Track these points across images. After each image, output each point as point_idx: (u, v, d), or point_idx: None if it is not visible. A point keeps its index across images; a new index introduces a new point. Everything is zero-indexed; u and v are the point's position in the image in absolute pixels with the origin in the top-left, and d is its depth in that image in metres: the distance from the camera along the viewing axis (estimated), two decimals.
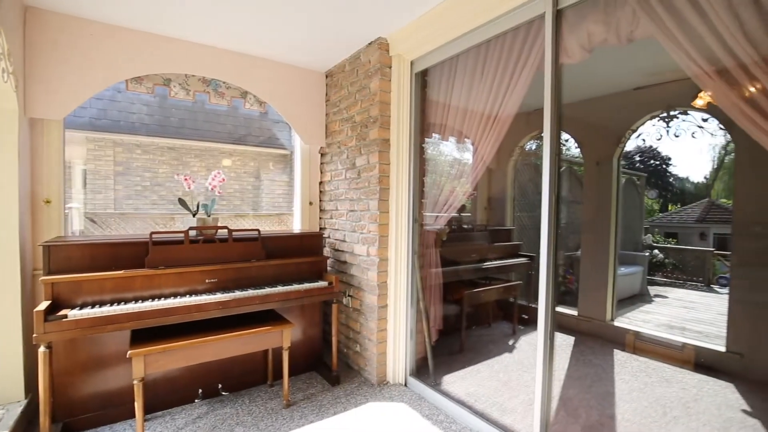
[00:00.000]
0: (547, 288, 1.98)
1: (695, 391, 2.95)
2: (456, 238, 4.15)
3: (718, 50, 1.60)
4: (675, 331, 4.97)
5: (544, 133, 1.98)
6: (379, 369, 2.85)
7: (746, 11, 1.54)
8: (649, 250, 8.50)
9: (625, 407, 2.67)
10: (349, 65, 3.12)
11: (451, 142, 2.92)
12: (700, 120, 3.36)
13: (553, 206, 1.95)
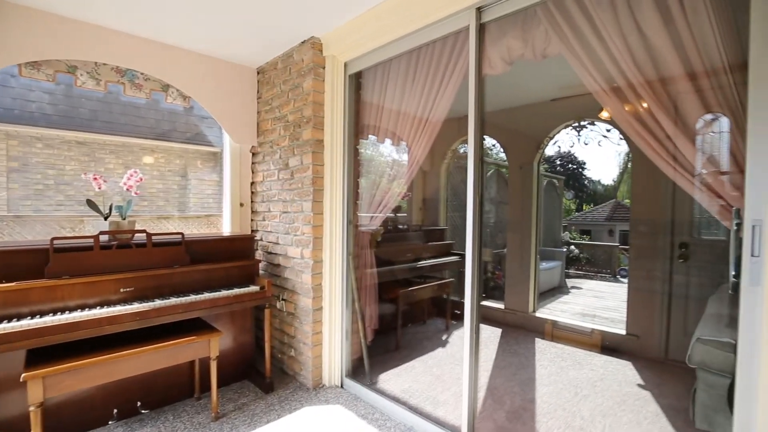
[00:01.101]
0: (472, 284, 2.10)
1: (602, 371, 3.31)
2: (392, 238, 4.23)
3: (613, 71, 1.81)
4: (587, 318, 5.52)
5: (469, 138, 2.10)
6: (314, 372, 2.81)
7: (634, 39, 1.76)
8: (567, 246, 9.38)
9: (544, 390, 2.92)
10: (282, 63, 3.04)
11: (387, 144, 2.98)
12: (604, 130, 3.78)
13: (477, 207, 2.07)
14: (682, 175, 1.57)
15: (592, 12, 1.81)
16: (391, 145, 2.96)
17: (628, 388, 3.01)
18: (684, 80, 1.63)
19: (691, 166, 1.56)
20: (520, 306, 4.47)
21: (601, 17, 1.80)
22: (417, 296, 4.04)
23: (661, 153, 1.65)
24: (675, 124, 1.61)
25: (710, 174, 1.50)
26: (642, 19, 1.71)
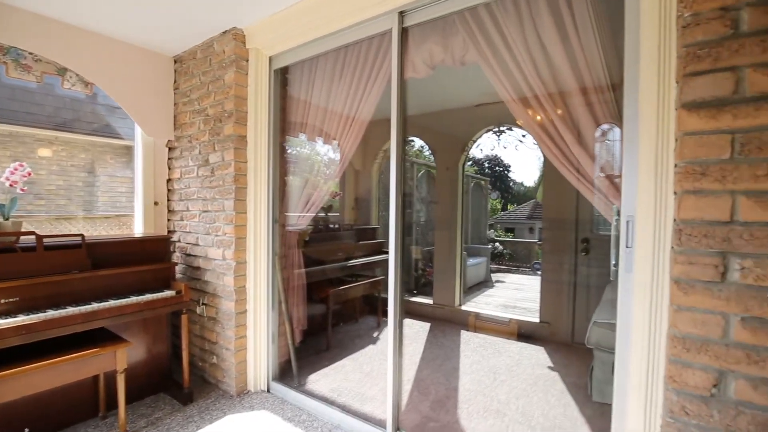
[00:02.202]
0: (395, 282, 2.15)
1: (518, 356, 3.59)
2: (323, 237, 4.19)
3: (521, 82, 1.97)
4: (509, 309, 5.95)
5: (391, 139, 2.15)
6: (238, 379, 2.69)
7: (538, 55, 1.93)
8: (492, 243, 10.03)
9: (466, 379, 3.09)
10: (202, 53, 2.86)
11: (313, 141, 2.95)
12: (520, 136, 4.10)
13: (399, 206, 2.13)
14: (577, 178, 1.75)
15: (503, 25, 1.95)
16: (323, 143, 2.94)
17: (539, 370, 3.30)
18: (579, 94, 1.83)
19: (584, 170, 1.76)
20: (448, 300, 4.69)
21: (510, 31, 1.94)
22: (348, 295, 4.05)
23: (559, 157, 1.84)
24: (572, 132, 1.80)
25: (598, 177, 1.71)
26: (544, 36, 1.88)
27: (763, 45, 1.05)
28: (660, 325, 1.29)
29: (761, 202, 1.05)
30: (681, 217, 1.16)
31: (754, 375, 1.08)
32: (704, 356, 1.13)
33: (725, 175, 1.09)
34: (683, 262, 1.15)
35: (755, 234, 1.06)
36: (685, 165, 1.15)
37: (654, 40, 1.31)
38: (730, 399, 1.11)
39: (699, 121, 1.13)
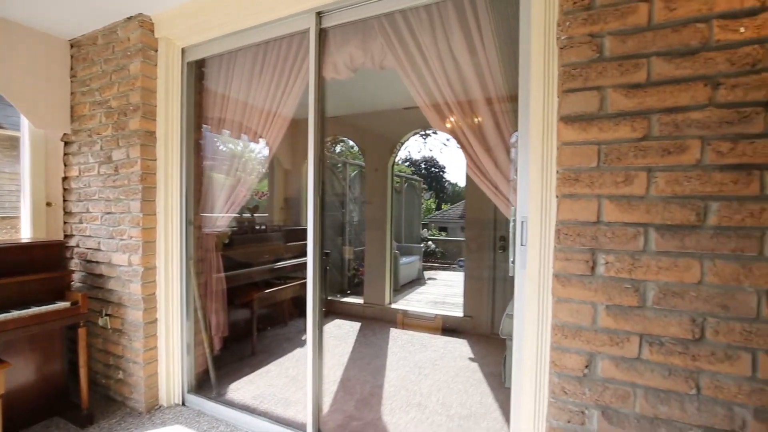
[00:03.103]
0: (314, 284, 2.14)
1: (442, 350, 3.76)
2: (248, 239, 4.03)
3: (434, 90, 2.07)
4: (438, 305, 6.18)
5: (308, 140, 2.14)
6: (148, 394, 2.49)
7: (449, 64, 2.03)
8: (425, 242, 10.38)
9: (392, 375, 3.17)
10: (103, 38, 2.60)
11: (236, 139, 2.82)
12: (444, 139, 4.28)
13: (317, 208, 2.13)
14: (482, 180, 1.88)
15: (417, 33, 2.03)
16: (247, 141, 2.82)
17: (461, 362, 3.49)
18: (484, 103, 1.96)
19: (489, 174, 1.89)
20: (378, 299, 4.76)
21: (424, 39, 2.03)
22: (276, 298, 3.94)
23: (468, 162, 1.96)
24: (477, 139, 1.92)
25: (500, 180, 1.84)
26: (454, 47, 1.99)
27: (621, 68, 1.21)
28: (547, 316, 1.43)
29: (620, 205, 1.22)
30: (560, 219, 1.30)
31: (616, 355, 1.24)
32: (578, 341, 1.28)
33: (593, 181, 1.24)
34: (562, 258, 1.29)
35: (616, 232, 1.22)
36: (563, 171, 1.29)
37: (541, 58, 1.44)
38: (599, 377, 1.27)
39: (573, 132, 1.27)
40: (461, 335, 4.18)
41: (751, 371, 1.10)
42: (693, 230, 1.14)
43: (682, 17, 1.15)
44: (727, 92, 1.11)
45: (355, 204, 6.73)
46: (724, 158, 1.11)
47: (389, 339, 4.05)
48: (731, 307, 1.11)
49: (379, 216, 4.78)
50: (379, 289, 4.77)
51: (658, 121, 1.17)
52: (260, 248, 4.13)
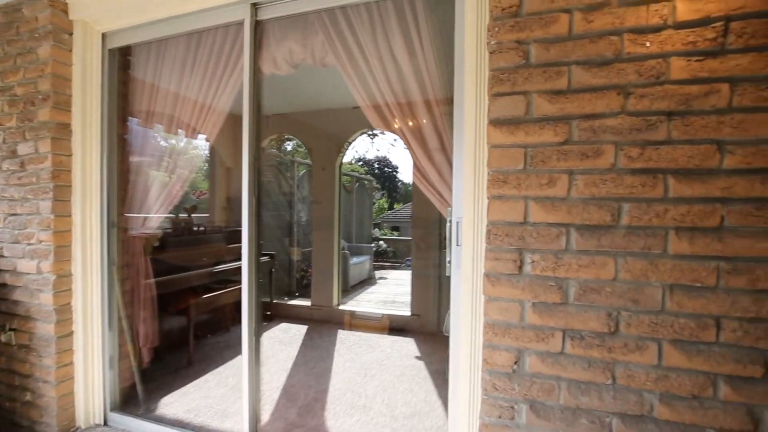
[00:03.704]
0: (249, 288, 2.04)
1: (389, 350, 3.77)
2: (184, 242, 3.79)
3: (375, 90, 2.05)
4: (388, 304, 6.21)
5: (243, 137, 2.03)
6: (62, 415, 2.24)
7: (390, 65, 2.02)
8: (376, 242, 10.41)
9: (338, 378, 3.12)
10: (5, 16, 2.30)
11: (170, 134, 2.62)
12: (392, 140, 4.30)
13: (253, 208, 2.03)
14: (421, 182, 1.89)
15: (358, 32, 2.00)
16: (181, 136, 2.63)
17: (408, 361, 3.52)
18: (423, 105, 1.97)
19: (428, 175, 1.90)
20: (326, 301, 4.68)
21: (364, 38, 2.00)
22: (216, 303, 3.74)
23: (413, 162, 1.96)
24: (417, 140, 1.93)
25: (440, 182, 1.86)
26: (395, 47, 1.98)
27: (545, 75, 1.26)
28: (480, 315, 1.46)
29: (544, 206, 1.27)
30: (490, 219, 1.33)
31: (542, 350, 1.29)
32: (507, 339, 1.32)
33: (520, 183, 1.29)
34: (492, 258, 1.32)
35: (540, 232, 1.27)
36: (492, 173, 1.32)
37: (474, 62, 1.47)
38: (526, 372, 1.31)
39: (502, 135, 1.30)
40: (409, 334, 4.22)
41: (657, 360, 1.20)
42: (608, 230, 1.22)
43: (598, 29, 1.22)
44: (636, 101, 1.19)
45: (303, 204, 6.57)
46: (634, 162, 1.19)
47: (336, 341, 3.99)
48: (641, 301, 1.20)
49: (326, 216, 4.70)
50: (327, 290, 4.69)
51: (577, 126, 1.23)
52: (199, 251, 3.90)
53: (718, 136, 1.13)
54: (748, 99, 1.12)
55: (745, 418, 1.14)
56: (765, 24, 1.11)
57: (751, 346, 1.13)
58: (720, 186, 1.13)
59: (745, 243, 1.12)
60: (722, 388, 1.16)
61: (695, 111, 1.15)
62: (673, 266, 1.17)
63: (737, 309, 1.13)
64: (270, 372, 3.20)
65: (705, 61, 1.14)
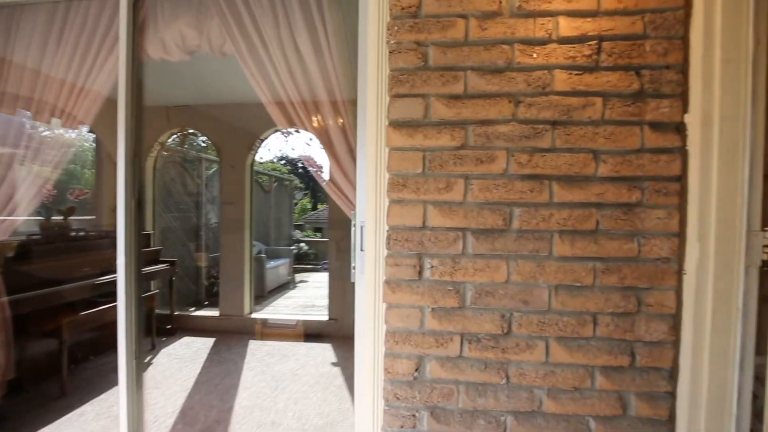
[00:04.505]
0: (126, 305, 1.76)
1: (304, 359, 3.61)
2: (57, 250, 3.22)
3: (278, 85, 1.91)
4: (307, 309, 6.02)
5: (119, 129, 1.76)
6: None
7: (294, 59, 1.90)
8: (297, 244, 10.07)
9: (246, 394, 2.89)
10: None
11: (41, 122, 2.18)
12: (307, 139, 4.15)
13: (131, 212, 1.76)
14: (327, 184, 1.81)
15: (259, 20, 1.85)
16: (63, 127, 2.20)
17: (323, 368, 3.40)
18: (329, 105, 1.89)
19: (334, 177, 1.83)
20: (236, 310, 4.35)
21: (266, 28, 1.85)
22: (101, 320, 3.24)
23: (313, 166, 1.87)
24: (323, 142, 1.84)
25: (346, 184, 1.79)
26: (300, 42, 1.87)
27: (442, 79, 1.26)
28: (382, 323, 1.42)
29: (442, 210, 1.26)
30: (390, 224, 1.29)
31: (442, 355, 1.28)
32: (408, 346, 1.29)
33: (419, 187, 1.26)
34: (392, 264, 1.28)
35: (439, 237, 1.26)
36: (392, 176, 1.28)
37: (375, 60, 1.42)
38: (427, 379, 1.29)
39: (401, 138, 1.27)
40: (326, 339, 4.10)
41: (545, 357, 1.25)
42: (501, 234, 1.25)
43: (491, 37, 1.25)
44: (525, 109, 1.23)
45: (213, 205, 6.07)
46: (523, 168, 1.23)
47: (247, 353, 3.71)
48: (530, 302, 1.25)
49: (236, 218, 4.37)
50: (238, 298, 4.36)
51: (473, 131, 1.25)
52: (78, 260, 3.34)
53: (594, 146, 1.22)
54: (616, 113, 1.22)
55: (616, 403, 1.25)
56: (630, 46, 1.22)
57: (621, 338, 1.24)
58: (595, 192, 1.22)
59: (615, 245, 1.22)
60: (598, 378, 1.25)
61: (575, 121, 1.23)
62: (558, 268, 1.23)
63: (610, 305, 1.23)
64: (165, 395, 2.85)
65: (583, 76, 1.23)
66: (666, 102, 1.21)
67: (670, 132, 1.21)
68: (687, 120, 1.21)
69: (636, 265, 1.22)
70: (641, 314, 1.23)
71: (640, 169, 1.21)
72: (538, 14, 1.24)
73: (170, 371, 3.28)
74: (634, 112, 1.21)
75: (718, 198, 1.18)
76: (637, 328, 1.23)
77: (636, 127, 1.22)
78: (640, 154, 1.21)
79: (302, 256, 9.91)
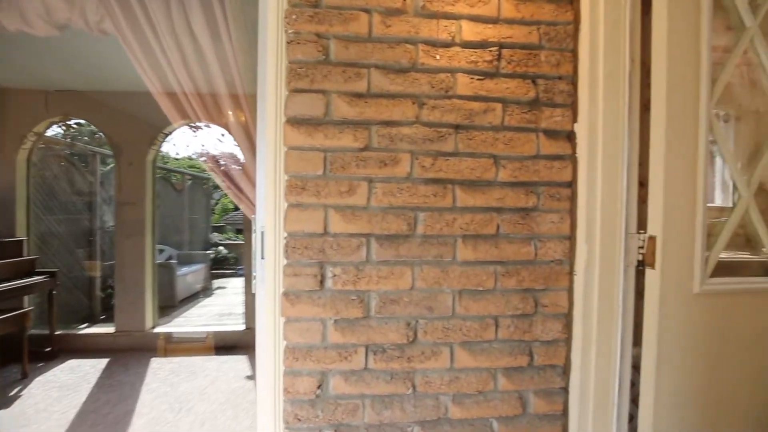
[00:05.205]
0: None
1: (216, 374, 3.32)
2: None
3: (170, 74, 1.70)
4: (224, 317, 5.61)
5: None
6: None
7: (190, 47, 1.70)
8: (215, 247, 9.37)
9: (141, 421, 2.55)
10: None
11: None
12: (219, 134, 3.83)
13: None
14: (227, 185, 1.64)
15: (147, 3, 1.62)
16: None
17: (236, 383, 3.15)
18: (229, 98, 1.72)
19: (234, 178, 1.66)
20: (135, 324, 3.87)
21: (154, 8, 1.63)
22: None
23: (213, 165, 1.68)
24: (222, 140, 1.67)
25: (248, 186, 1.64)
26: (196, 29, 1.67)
27: (344, 75, 1.18)
28: (281, 339, 1.30)
29: (345, 215, 1.18)
30: (288, 230, 1.18)
31: (346, 369, 1.20)
32: (310, 362, 1.19)
33: (319, 190, 1.17)
34: (290, 274, 1.18)
35: (341, 244, 1.18)
36: (290, 178, 1.17)
37: (274, 51, 1.30)
38: (330, 396, 1.21)
39: (300, 136, 1.17)
40: (242, 351, 3.82)
41: (450, 363, 1.24)
42: (406, 239, 1.21)
43: (395, 35, 1.20)
44: (429, 112, 1.21)
45: (109, 206, 5.36)
46: (427, 172, 1.20)
47: (147, 373, 3.31)
48: (435, 308, 1.22)
49: (136, 220, 3.88)
50: (138, 311, 3.87)
51: (376, 132, 1.19)
52: None
53: (494, 151, 1.23)
54: (515, 119, 1.24)
55: (516, 403, 1.28)
56: (527, 55, 1.25)
57: (520, 339, 1.27)
58: (496, 197, 1.23)
59: (514, 248, 1.24)
60: (500, 380, 1.27)
61: (477, 126, 1.23)
62: (461, 272, 1.23)
63: (510, 307, 1.26)
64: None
65: (484, 81, 1.23)
66: (559, 111, 1.27)
67: (562, 140, 1.27)
68: (576, 129, 1.27)
69: (533, 268, 1.26)
70: (538, 315, 1.27)
71: (536, 175, 1.25)
72: (442, 16, 1.22)
73: (45, 403, 2.78)
74: (531, 120, 1.25)
75: (602, 202, 1.26)
76: (534, 328, 1.27)
77: (533, 134, 1.25)
78: (536, 160, 1.25)
79: (221, 261, 9.25)
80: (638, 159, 1.28)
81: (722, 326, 1.29)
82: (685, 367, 1.27)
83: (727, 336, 1.29)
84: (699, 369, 1.28)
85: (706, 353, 1.28)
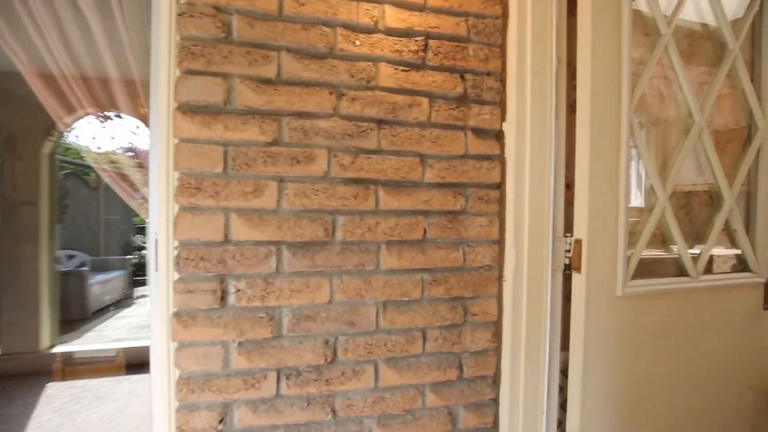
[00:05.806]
0: None
1: (127, 396, 2.94)
2: None
3: (45, 53, 1.41)
4: (145, 330, 5.07)
5: None
6: None
7: (74, 28, 1.43)
8: (137, 251, 8.53)
9: None
10: None
11: None
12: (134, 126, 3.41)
13: None
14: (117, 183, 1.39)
15: None
16: None
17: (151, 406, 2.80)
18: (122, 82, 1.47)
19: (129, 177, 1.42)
20: (27, 345, 3.32)
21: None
22: None
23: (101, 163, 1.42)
24: None
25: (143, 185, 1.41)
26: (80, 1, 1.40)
27: (249, 57, 1.02)
28: (173, 368, 1.10)
29: (250, 220, 1.02)
30: (179, 238, 0.99)
31: (253, 398, 1.04)
32: (209, 393, 1.01)
33: (219, 190, 1.00)
34: (183, 290, 0.99)
35: (246, 254, 1.02)
36: (181, 176, 0.99)
37: (167, 25, 1.09)
38: (236, 430, 1.04)
39: (193, 126, 0.98)
40: None
41: (374, 382, 1.12)
42: (323, 247, 1.07)
43: (310, 16, 1.06)
44: (348, 104, 1.08)
45: None
46: (346, 171, 1.08)
47: (40, 401, 2.84)
48: (356, 322, 1.10)
49: (28, 222, 3.34)
50: (30, 329, 3.33)
51: (287, 125, 1.04)
52: None
53: (421, 149, 1.14)
54: (442, 116, 1.16)
55: (446, 419, 1.19)
56: (455, 47, 1.18)
57: (449, 351, 1.19)
58: (422, 199, 1.14)
59: (442, 254, 1.16)
60: (429, 396, 1.18)
61: (401, 122, 1.12)
62: (385, 282, 1.12)
63: (438, 318, 1.17)
64: None
65: (409, 73, 1.13)
66: (487, 108, 1.20)
67: (490, 139, 1.21)
68: (505, 128, 1.22)
69: (462, 275, 1.19)
70: (467, 324, 1.20)
71: (465, 176, 1.18)
72: None
73: None
74: (459, 117, 1.17)
75: (530, 205, 1.22)
76: (464, 339, 1.20)
77: (461, 132, 1.18)
78: (465, 160, 1.18)
79: (145, 266, 8.43)
80: (565, 160, 1.26)
81: (642, 327, 1.31)
82: (610, 370, 1.27)
83: (646, 337, 1.32)
84: (623, 371, 1.29)
85: (630, 355, 1.29)
